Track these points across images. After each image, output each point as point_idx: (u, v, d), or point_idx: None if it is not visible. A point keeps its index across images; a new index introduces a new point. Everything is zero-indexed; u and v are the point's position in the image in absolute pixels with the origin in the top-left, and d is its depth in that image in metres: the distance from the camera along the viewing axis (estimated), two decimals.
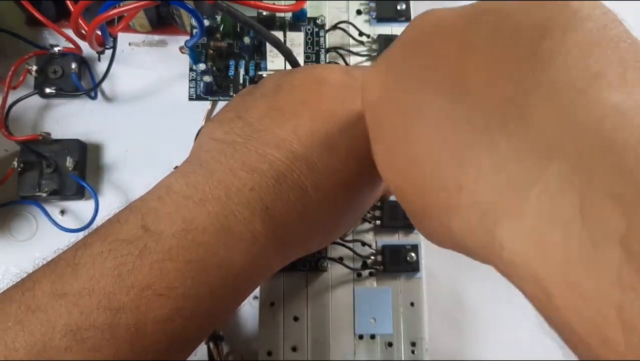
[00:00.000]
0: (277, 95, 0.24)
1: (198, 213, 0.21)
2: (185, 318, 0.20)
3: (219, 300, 0.21)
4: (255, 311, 0.34)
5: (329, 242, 0.28)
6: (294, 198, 0.22)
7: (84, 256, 0.20)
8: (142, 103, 0.38)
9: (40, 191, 0.34)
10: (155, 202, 0.21)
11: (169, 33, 0.38)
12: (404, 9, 0.36)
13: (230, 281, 0.21)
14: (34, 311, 0.19)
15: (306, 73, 0.25)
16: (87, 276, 0.20)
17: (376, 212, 0.34)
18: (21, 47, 0.36)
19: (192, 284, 0.20)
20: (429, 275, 0.33)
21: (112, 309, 0.19)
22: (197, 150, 0.24)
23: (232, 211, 0.21)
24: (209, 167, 0.22)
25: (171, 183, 0.22)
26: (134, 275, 0.20)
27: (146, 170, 0.23)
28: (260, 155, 0.22)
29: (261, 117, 0.23)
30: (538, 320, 0.14)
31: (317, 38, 0.36)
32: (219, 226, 0.21)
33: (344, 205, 0.24)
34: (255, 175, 0.22)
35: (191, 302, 0.20)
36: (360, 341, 0.32)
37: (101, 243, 0.20)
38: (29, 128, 0.36)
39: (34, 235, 0.35)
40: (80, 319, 0.19)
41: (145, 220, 0.21)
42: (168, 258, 0.20)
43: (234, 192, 0.21)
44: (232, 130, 0.23)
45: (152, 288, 0.20)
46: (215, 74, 0.35)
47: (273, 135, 0.22)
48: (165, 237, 0.20)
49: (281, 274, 0.32)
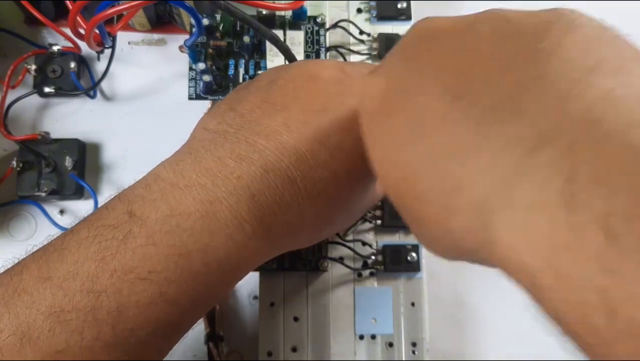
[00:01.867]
0: (270, 89, 0.24)
1: (183, 199, 0.21)
2: (168, 302, 0.20)
3: (203, 286, 0.21)
4: (255, 311, 0.34)
5: (319, 239, 0.28)
6: (282, 188, 0.22)
7: (71, 241, 0.21)
8: (142, 102, 0.37)
9: (40, 191, 0.34)
10: (143, 189, 0.22)
11: (169, 32, 0.38)
12: (405, 7, 0.36)
13: (214, 266, 0.21)
14: (19, 294, 0.19)
15: (299, 68, 0.25)
16: (72, 260, 0.20)
17: (377, 211, 0.33)
18: (20, 46, 0.36)
19: (175, 268, 0.20)
20: (430, 275, 0.33)
21: (94, 292, 0.19)
22: (190, 140, 0.25)
23: (217, 198, 0.21)
24: (198, 155, 0.23)
25: (159, 172, 0.22)
26: (117, 259, 0.20)
27: (145, 170, 0.24)
28: (250, 145, 0.22)
29: (253, 109, 0.24)
30: (538, 320, 0.13)
31: (317, 37, 0.36)
32: (203, 212, 0.21)
33: (333, 199, 0.24)
34: (243, 164, 0.22)
35: (174, 287, 0.20)
36: (361, 342, 0.32)
37: (88, 229, 0.21)
38: (28, 127, 0.36)
39: (33, 235, 0.35)
40: (64, 301, 0.19)
41: (132, 207, 0.21)
42: (152, 243, 0.20)
43: (221, 179, 0.22)
44: (225, 120, 0.24)
45: (134, 272, 0.20)
46: (215, 73, 0.35)
47: (264, 126, 0.23)
48: (150, 222, 0.21)
49: (281, 274, 0.32)
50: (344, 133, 0.23)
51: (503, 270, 0.14)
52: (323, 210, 0.24)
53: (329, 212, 0.25)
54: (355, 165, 0.23)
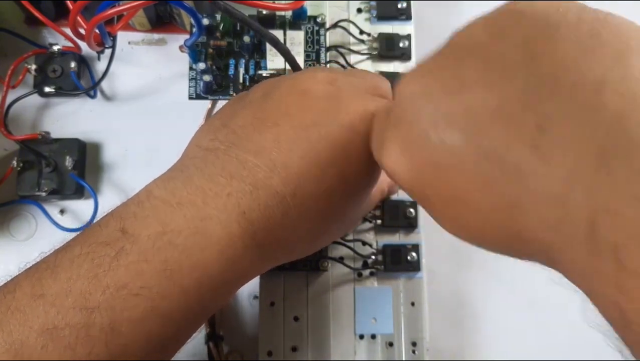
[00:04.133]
0: (263, 104, 0.24)
1: (174, 216, 0.21)
2: (161, 317, 0.21)
3: (195, 301, 0.21)
4: (255, 311, 0.34)
5: (315, 249, 0.28)
6: (272, 205, 0.22)
7: (64, 259, 0.21)
8: (142, 102, 0.37)
9: (40, 190, 0.34)
10: (135, 206, 0.22)
11: (169, 32, 0.38)
12: (405, 7, 0.36)
13: (206, 282, 0.21)
14: (13, 312, 0.19)
15: (291, 83, 0.25)
16: (65, 278, 0.20)
17: (377, 211, 0.34)
18: (20, 46, 0.36)
19: (167, 284, 0.20)
20: (430, 275, 0.33)
21: (87, 308, 0.19)
22: (183, 157, 0.25)
23: (208, 215, 0.22)
24: (189, 173, 0.23)
25: (152, 189, 0.23)
26: (110, 276, 0.20)
27: (146, 169, 0.24)
28: (240, 162, 0.23)
29: (245, 125, 0.24)
30: (538, 320, 0.14)
31: (317, 37, 0.36)
32: (194, 229, 0.21)
33: (326, 213, 0.24)
34: (233, 181, 0.22)
35: (167, 302, 0.21)
36: (361, 341, 0.32)
37: (80, 246, 0.21)
38: (28, 127, 0.36)
39: (33, 235, 0.35)
40: (56, 319, 0.19)
41: (124, 224, 0.21)
42: (144, 260, 0.20)
43: (211, 197, 0.22)
44: (217, 137, 0.24)
45: (127, 288, 0.20)
46: (215, 73, 0.35)
47: (254, 143, 0.23)
48: (142, 239, 0.21)
49: (281, 274, 0.32)
50: (335, 149, 0.23)
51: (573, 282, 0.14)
52: (315, 224, 0.24)
53: (322, 225, 0.25)
54: (347, 178, 0.24)
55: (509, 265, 0.20)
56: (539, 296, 0.34)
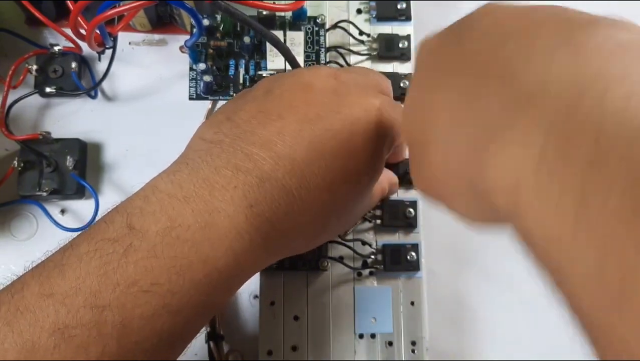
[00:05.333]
0: (267, 99, 0.24)
1: (182, 210, 0.21)
2: (172, 313, 0.20)
3: (205, 296, 0.21)
4: (255, 310, 0.34)
5: (316, 245, 0.28)
6: (278, 197, 0.22)
7: (71, 257, 0.20)
8: (142, 102, 0.38)
9: (41, 190, 0.34)
10: (141, 201, 0.22)
11: (169, 32, 0.38)
12: (404, 7, 0.36)
13: (215, 276, 0.21)
14: (22, 313, 0.19)
15: (294, 78, 0.25)
16: (73, 276, 0.20)
17: (376, 211, 0.34)
18: (21, 47, 0.36)
19: (177, 280, 0.20)
20: (430, 275, 0.33)
21: (98, 307, 0.19)
22: (187, 150, 0.25)
23: (215, 208, 0.21)
24: (195, 166, 0.23)
25: (157, 183, 0.22)
26: (119, 273, 0.20)
27: (146, 169, 0.24)
28: (246, 155, 0.22)
29: (249, 119, 0.24)
30: (538, 320, 0.14)
31: (317, 37, 0.36)
32: (202, 223, 0.21)
33: (329, 207, 0.24)
34: (239, 174, 0.22)
35: (177, 298, 0.21)
36: (361, 341, 0.32)
37: (87, 244, 0.21)
38: (29, 127, 0.36)
39: (34, 235, 0.35)
40: (67, 318, 0.19)
41: (131, 219, 0.21)
42: (153, 256, 0.20)
43: (218, 190, 0.22)
44: (221, 130, 0.24)
45: (137, 285, 0.20)
46: (216, 74, 0.35)
47: (259, 136, 0.23)
48: (150, 235, 0.21)
49: (281, 273, 0.32)
50: (339, 142, 0.23)
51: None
52: (319, 217, 0.24)
53: (325, 219, 0.25)
54: (350, 172, 0.24)
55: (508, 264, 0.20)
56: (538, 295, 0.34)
